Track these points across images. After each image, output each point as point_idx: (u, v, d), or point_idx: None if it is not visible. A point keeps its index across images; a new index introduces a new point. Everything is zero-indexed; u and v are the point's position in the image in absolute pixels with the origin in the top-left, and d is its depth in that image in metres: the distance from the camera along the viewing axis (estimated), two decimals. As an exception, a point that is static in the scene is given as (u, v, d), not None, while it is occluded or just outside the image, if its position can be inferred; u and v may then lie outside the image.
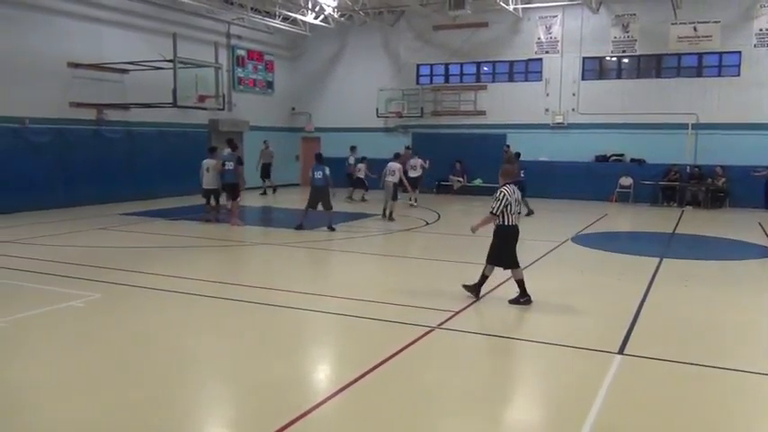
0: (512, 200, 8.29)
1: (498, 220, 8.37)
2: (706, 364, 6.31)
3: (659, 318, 8.08)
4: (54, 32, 18.05)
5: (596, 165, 23.00)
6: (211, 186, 15.62)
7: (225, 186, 15.55)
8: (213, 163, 15.58)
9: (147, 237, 13.93)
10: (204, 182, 15.60)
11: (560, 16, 23.31)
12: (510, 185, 8.44)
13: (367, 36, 26.43)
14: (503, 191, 8.33)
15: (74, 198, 18.20)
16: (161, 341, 6.98)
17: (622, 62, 23.15)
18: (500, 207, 8.26)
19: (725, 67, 21.59)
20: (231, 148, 15.77)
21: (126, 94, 20.17)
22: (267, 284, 9.44)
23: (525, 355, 6.77)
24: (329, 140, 26.89)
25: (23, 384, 5.69)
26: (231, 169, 15.37)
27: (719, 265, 11.91)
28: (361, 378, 5.76)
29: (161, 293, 8.85)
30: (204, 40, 22.04)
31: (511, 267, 8.53)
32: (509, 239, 8.43)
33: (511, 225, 8.38)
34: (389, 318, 7.79)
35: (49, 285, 9.09)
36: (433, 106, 25.69)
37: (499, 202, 8.27)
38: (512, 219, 8.36)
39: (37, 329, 7.23)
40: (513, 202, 8.32)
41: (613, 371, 6.05)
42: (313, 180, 14.82)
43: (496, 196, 8.35)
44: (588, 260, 12.12)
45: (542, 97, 23.82)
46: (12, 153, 16.94)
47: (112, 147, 19.75)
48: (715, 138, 21.41)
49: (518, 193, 8.50)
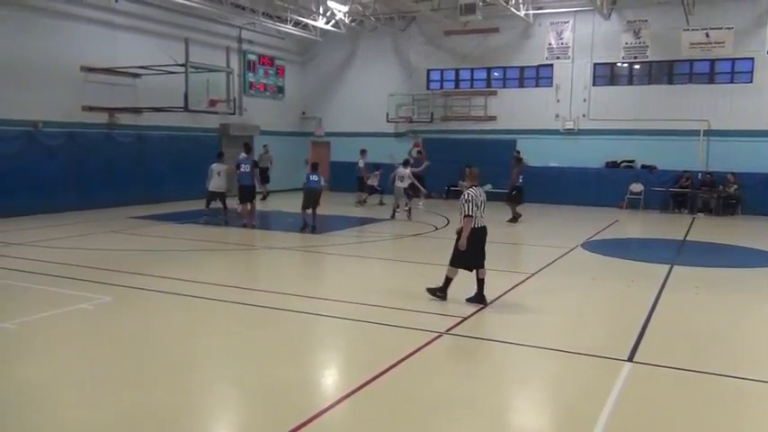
0: (478, 202, 8.48)
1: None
2: (717, 372, 6.26)
3: (669, 325, 8.03)
4: (68, 37, 18.20)
5: (607, 171, 22.91)
6: (219, 189, 15.93)
7: (241, 188, 15.78)
8: (224, 167, 15.94)
9: (157, 240, 13.99)
10: (212, 185, 15.85)
11: (571, 22, 23.27)
12: (476, 188, 8.65)
13: (378, 41, 26.48)
14: (469, 192, 8.54)
15: (85, 201, 18.30)
16: (170, 344, 7.00)
17: (634, 68, 23.06)
18: (470, 208, 8.41)
19: (737, 73, 21.47)
20: (246, 152, 16.10)
21: (138, 98, 20.29)
22: (276, 288, 9.45)
23: (534, 362, 6.73)
24: (339, 145, 26.95)
25: (34, 386, 5.71)
26: (248, 172, 15.69)
27: (731, 273, 11.82)
28: (370, 383, 5.75)
29: (171, 296, 8.88)
30: (216, 45, 22.15)
31: (477, 267, 8.63)
32: (475, 241, 8.53)
33: (476, 227, 8.51)
34: (397, 323, 7.78)
35: (59, 288, 9.14)
36: (443, 111, 25.67)
37: (469, 203, 8.45)
38: (479, 221, 8.53)
39: (47, 332, 7.27)
40: (480, 204, 8.51)
41: (623, 378, 6.02)
42: (308, 182, 15.26)
43: (465, 198, 8.51)
44: (598, 267, 12.06)
45: (553, 103, 23.76)
46: (25, 156, 17.07)
47: (124, 150, 19.86)
48: (727, 144, 21.27)
49: (484, 196, 8.71)
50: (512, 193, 17.29)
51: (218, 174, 15.87)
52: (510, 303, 8.95)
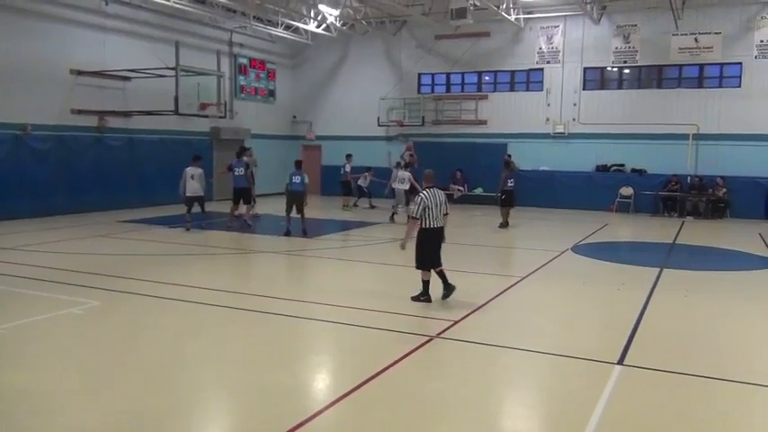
0: (431, 203, 8.55)
1: (421, 223, 8.61)
2: (706, 374, 6.30)
3: (659, 328, 8.07)
4: (57, 40, 18.12)
5: (597, 174, 23.00)
6: (196, 194, 15.69)
7: (237, 191, 16.07)
8: (198, 171, 15.73)
9: (146, 244, 13.93)
10: (188, 189, 15.63)
11: (562, 26, 23.38)
12: (431, 189, 8.72)
13: (369, 45, 26.51)
14: (421, 195, 8.66)
15: (75, 205, 18.20)
16: (160, 348, 6.96)
17: (623, 72, 23.19)
18: (419, 210, 8.53)
19: (726, 78, 21.62)
20: (239, 155, 16.40)
21: (128, 101, 20.22)
22: (266, 292, 9.42)
23: (525, 365, 6.75)
24: (330, 149, 26.94)
25: (23, 391, 5.67)
26: (242, 175, 16.00)
27: (720, 276, 11.89)
28: (361, 386, 5.75)
29: (160, 301, 8.85)
30: (206, 49, 22.14)
31: (434, 267, 8.78)
32: (430, 241, 8.67)
33: (431, 228, 8.63)
34: (388, 326, 7.78)
35: (48, 292, 9.08)
36: (434, 115, 25.72)
37: (417, 205, 8.59)
38: (433, 222, 8.62)
39: (36, 336, 7.22)
40: (434, 206, 8.58)
41: (613, 381, 6.04)
42: (291, 185, 15.10)
43: (416, 201, 8.66)
44: (589, 270, 12.10)
45: (543, 107, 23.86)
46: (13, 160, 16.97)
47: (114, 154, 19.77)
48: (716, 149, 21.42)
49: (441, 197, 8.75)
50: (501, 197, 17.30)
51: (191, 177, 15.62)
52: (500, 307, 8.97)
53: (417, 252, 8.76)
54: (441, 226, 8.76)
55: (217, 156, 23.43)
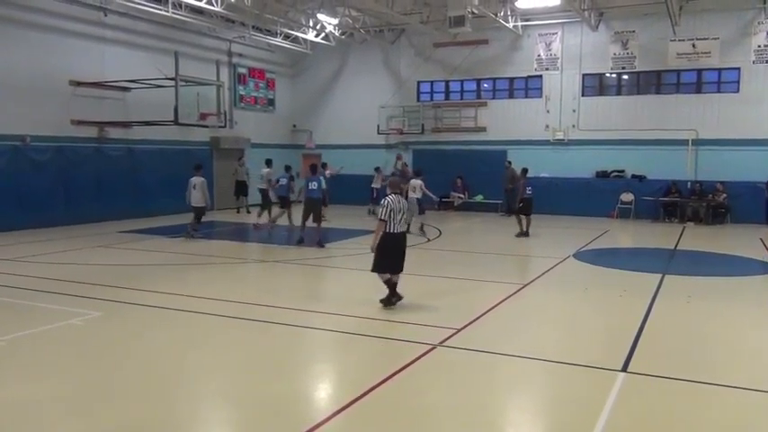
0: (395, 208, 8.77)
1: (384, 227, 8.81)
2: (710, 381, 6.26)
3: (662, 334, 8.04)
4: (56, 51, 18.16)
5: (597, 181, 23.01)
6: (197, 204, 15.86)
7: (278, 198, 17.20)
8: (200, 180, 15.93)
9: (146, 254, 13.91)
10: (192, 200, 15.84)
11: (560, 33, 23.44)
12: (396, 195, 8.95)
13: (367, 54, 26.57)
14: (387, 199, 8.88)
15: (74, 216, 18.18)
16: (161, 359, 6.92)
17: (622, 78, 23.24)
18: (386, 212, 8.75)
19: (724, 83, 21.66)
20: (285, 169, 17.62)
21: (127, 111, 20.25)
22: (267, 302, 9.38)
23: (528, 374, 6.71)
24: (330, 157, 26.88)
25: (24, 403, 5.63)
26: (284, 184, 16.95)
27: (722, 282, 11.86)
28: (364, 396, 5.71)
29: (161, 311, 8.82)
30: (206, 59, 22.18)
31: (392, 272, 8.90)
32: (390, 246, 8.84)
33: (394, 232, 8.82)
34: (391, 335, 7.76)
35: (48, 304, 9.05)
36: (433, 123, 25.75)
37: (384, 208, 8.82)
38: (395, 227, 8.81)
39: (36, 348, 7.19)
40: (398, 211, 8.79)
41: (617, 388, 6.00)
42: (307, 192, 14.94)
43: (383, 204, 8.88)
44: (590, 276, 12.08)
45: (543, 114, 23.89)
46: (13, 171, 16.96)
47: (114, 164, 19.76)
48: (715, 154, 21.43)
49: (404, 204, 9.04)
50: (519, 205, 17.12)
51: (193, 187, 15.85)
52: (502, 315, 8.94)
53: (376, 255, 8.91)
54: (402, 231, 8.97)
55: (217, 165, 23.46)
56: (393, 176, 19.37)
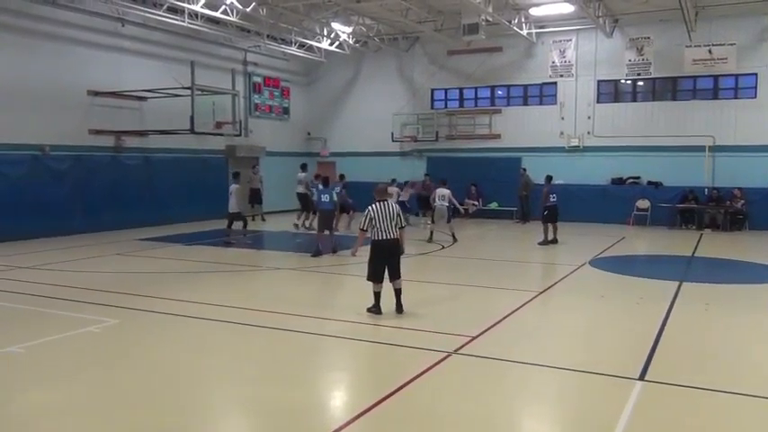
0: (376, 215, 8.79)
1: (371, 235, 8.87)
2: (729, 390, 6.18)
3: (680, 343, 7.96)
4: (75, 61, 18.40)
5: (613, 187, 22.87)
6: (232, 210, 16.62)
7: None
8: (236, 188, 16.84)
9: (163, 262, 14.00)
10: (229, 206, 16.70)
11: (574, 40, 23.38)
12: (378, 203, 8.94)
13: (382, 62, 26.66)
14: (368, 208, 8.92)
15: (92, 224, 18.35)
16: (179, 367, 6.96)
17: (637, 85, 23.12)
18: (365, 222, 8.87)
19: (741, 89, 21.48)
20: (339, 178, 18.39)
21: (144, 120, 20.45)
22: (284, 309, 9.40)
23: (544, 381, 6.67)
24: (344, 165, 26.96)
25: (41, 410, 5.69)
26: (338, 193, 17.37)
27: (740, 289, 11.73)
28: (380, 404, 5.71)
29: (177, 319, 8.87)
30: (221, 68, 22.35)
31: (379, 281, 8.92)
32: (375, 253, 8.90)
33: (378, 240, 8.85)
34: (406, 343, 7.74)
35: (66, 311, 9.14)
36: (447, 130, 25.74)
37: (364, 217, 8.91)
38: (380, 234, 8.82)
39: (54, 355, 7.26)
40: (380, 218, 8.78)
41: (634, 397, 5.95)
42: (319, 203, 15.16)
43: (366, 213, 8.93)
44: (607, 284, 12.00)
45: (557, 120, 23.81)
46: (32, 179, 17.16)
47: (130, 173, 19.95)
48: (732, 160, 21.23)
49: (392, 210, 8.91)
50: (544, 213, 17.03)
51: (230, 194, 16.70)
52: (518, 322, 8.90)
53: (368, 264, 9.00)
54: (390, 238, 8.87)
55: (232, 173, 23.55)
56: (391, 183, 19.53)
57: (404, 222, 9.06)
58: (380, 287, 8.96)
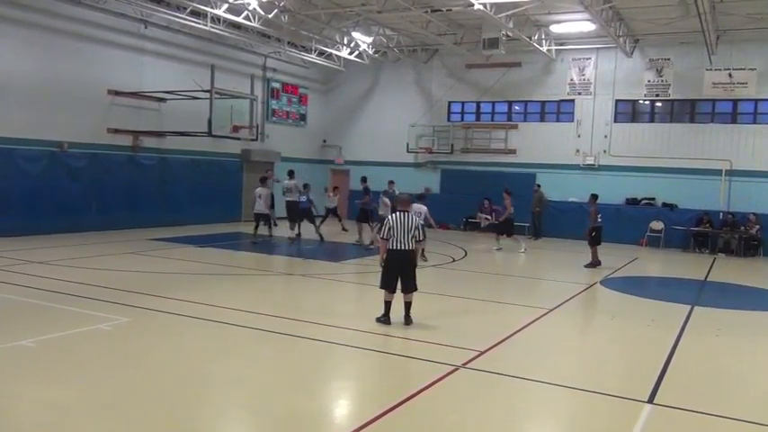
0: (394, 225, 8.79)
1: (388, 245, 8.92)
2: (738, 417, 6.12)
3: (690, 367, 7.89)
4: (97, 61, 18.61)
5: (627, 208, 22.76)
6: (261, 211, 17.80)
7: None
8: (264, 191, 17.80)
9: (176, 263, 14.07)
10: (255, 207, 17.85)
11: (594, 58, 23.37)
12: (400, 212, 8.95)
13: (400, 72, 26.75)
14: (388, 216, 9.02)
15: (106, 222, 18.51)
16: (186, 368, 6.98)
17: (656, 106, 23.04)
18: (385, 231, 8.91)
19: (760, 114, 21.35)
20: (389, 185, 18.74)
21: (162, 122, 20.63)
22: (293, 315, 9.43)
23: (551, 400, 6.63)
24: (359, 174, 27.03)
25: (50, 406, 5.72)
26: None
27: (753, 316, 11.60)
28: (385, 415, 5.69)
29: (188, 320, 8.90)
30: (241, 72, 22.55)
31: (390, 290, 8.94)
32: (391, 263, 8.90)
33: (394, 249, 8.84)
34: (415, 354, 7.73)
35: (77, 308, 9.20)
36: (463, 143, 25.76)
37: (384, 226, 8.99)
38: (396, 244, 8.82)
39: (64, 351, 7.30)
40: (398, 228, 8.77)
41: (643, 420, 5.90)
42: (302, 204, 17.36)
43: (384, 222, 9.03)
44: (618, 305, 11.92)
45: (573, 138, 23.76)
46: (49, 176, 17.35)
47: (146, 173, 20.12)
48: (749, 185, 21.10)
49: (411, 223, 8.86)
50: (591, 235, 16.22)
51: (258, 197, 17.76)
52: (527, 339, 8.86)
53: (381, 272, 9.05)
54: (404, 249, 8.86)
55: (247, 177, 23.69)
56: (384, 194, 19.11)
57: (421, 236, 9.05)
58: (392, 297, 8.97)
